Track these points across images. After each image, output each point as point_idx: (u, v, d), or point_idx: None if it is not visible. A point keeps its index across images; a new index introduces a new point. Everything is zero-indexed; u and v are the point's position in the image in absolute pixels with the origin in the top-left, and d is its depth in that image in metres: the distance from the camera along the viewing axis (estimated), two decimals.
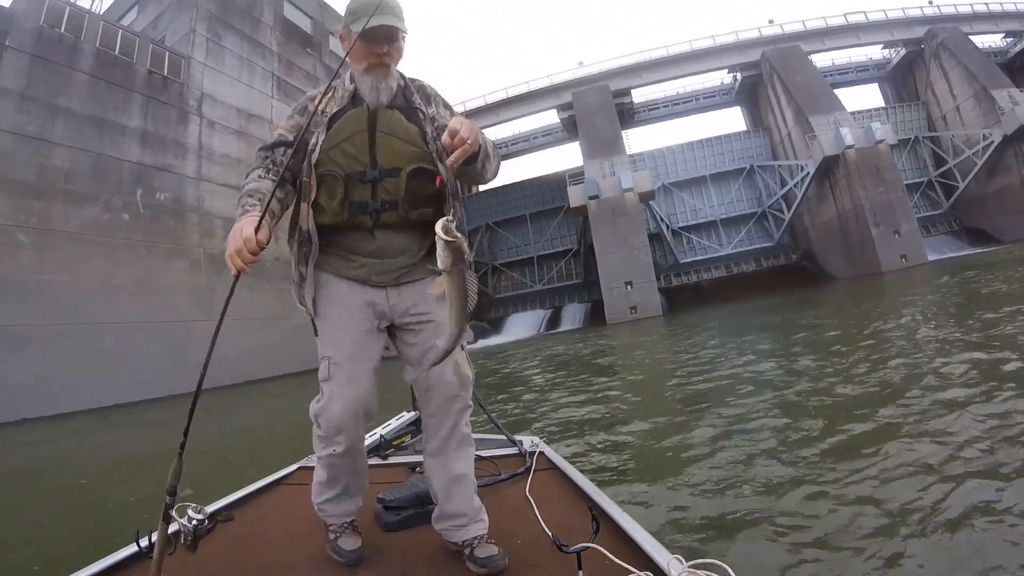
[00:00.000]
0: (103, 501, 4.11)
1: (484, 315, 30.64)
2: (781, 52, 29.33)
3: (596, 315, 26.81)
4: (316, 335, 1.39)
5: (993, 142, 25.24)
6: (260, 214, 1.18)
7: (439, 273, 1.05)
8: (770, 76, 29.36)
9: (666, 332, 14.68)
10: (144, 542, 1.26)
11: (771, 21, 31.27)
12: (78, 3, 17.50)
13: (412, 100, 1.42)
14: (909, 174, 29.53)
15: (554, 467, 1.93)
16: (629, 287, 24.06)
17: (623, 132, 29.67)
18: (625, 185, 24.83)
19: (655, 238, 29.27)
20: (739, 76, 32.39)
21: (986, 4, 31.64)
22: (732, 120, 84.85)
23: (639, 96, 34.09)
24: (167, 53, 19.63)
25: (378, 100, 1.36)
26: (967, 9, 31.32)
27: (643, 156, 31.48)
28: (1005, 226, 25.46)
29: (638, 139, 46.22)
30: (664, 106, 36.05)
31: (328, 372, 1.32)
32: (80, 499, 4.32)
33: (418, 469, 1.45)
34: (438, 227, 1.02)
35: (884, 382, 4.14)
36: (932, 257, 23.47)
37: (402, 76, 1.44)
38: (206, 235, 19.45)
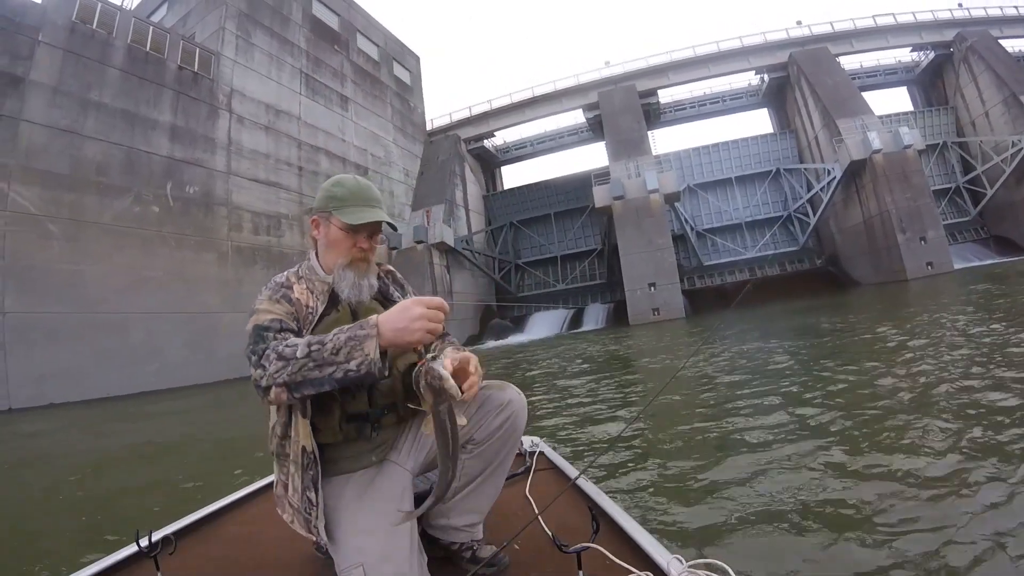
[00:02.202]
0: (106, 491, 4.25)
1: (507, 314, 30.63)
2: (809, 54, 28.98)
3: (618, 315, 26.63)
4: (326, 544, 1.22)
5: (1022, 149, 24.71)
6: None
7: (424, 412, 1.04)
8: (797, 78, 29.02)
9: (687, 334, 14.58)
10: (144, 542, 1.27)
11: (799, 22, 30.96)
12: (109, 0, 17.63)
13: (389, 292, 1.37)
14: (936, 180, 29.01)
15: (554, 467, 1.95)
16: (652, 288, 23.89)
17: (649, 132, 29.48)
18: (650, 186, 24.63)
19: (679, 239, 29.01)
20: (766, 77, 31.99)
21: (1016, 7, 31.09)
22: (759, 122, 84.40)
23: (665, 96, 33.87)
24: (197, 49, 19.75)
25: (360, 298, 1.26)
26: (997, 12, 30.79)
27: (668, 157, 31.18)
28: None
29: (664, 140, 46.07)
30: (691, 107, 35.73)
31: None
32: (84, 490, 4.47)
33: None
34: (420, 367, 1.02)
35: (908, 394, 3.97)
36: (958, 265, 22.98)
37: (378, 266, 1.37)
38: (234, 228, 19.63)
